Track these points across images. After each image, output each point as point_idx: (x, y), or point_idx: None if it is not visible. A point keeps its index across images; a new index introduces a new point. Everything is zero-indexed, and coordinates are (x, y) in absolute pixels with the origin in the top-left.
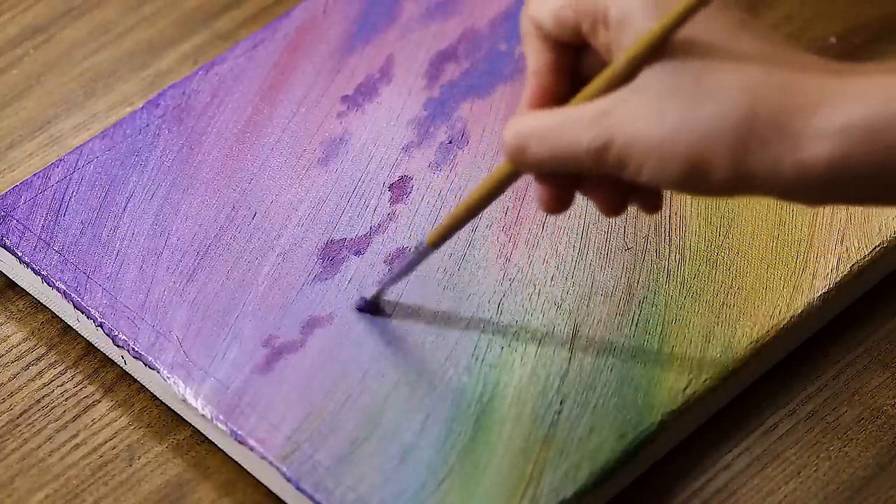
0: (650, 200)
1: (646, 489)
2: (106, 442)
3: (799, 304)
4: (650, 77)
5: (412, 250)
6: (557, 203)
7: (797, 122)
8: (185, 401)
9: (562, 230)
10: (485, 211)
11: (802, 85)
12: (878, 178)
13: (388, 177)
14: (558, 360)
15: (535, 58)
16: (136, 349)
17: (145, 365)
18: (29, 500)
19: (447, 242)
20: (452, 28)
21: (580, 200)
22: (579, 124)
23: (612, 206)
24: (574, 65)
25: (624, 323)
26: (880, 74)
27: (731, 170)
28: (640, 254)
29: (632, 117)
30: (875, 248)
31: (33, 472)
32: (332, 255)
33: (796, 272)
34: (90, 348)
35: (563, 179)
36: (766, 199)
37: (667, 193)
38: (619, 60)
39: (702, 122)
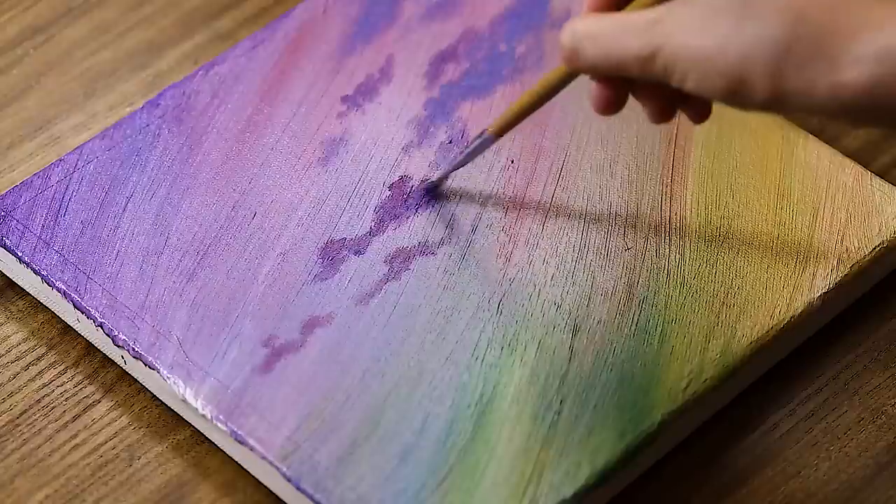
0: (698, 110)
1: (646, 489)
2: (106, 442)
3: (799, 304)
4: None
5: (477, 138)
6: (610, 104)
7: (836, 45)
8: (185, 401)
9: (562, 230)
10: (485, 210)
11: (846, 8)
12: None
13: (388, 177)
14: (558, 360)
15: None
16: (136, 349)
17: (145, 365)
18: (29, 500)
19: (448, 238)
20: (452, 28)
21: (580, 201)
22: (631, 31)
23: (661, 113)
24: None
25: (624, 323)
26: None
27: (768, 88)
28: (640, 254)
29: (680, 29)
30: (875, 248)
31: (33, 472)
32: (332, 255)
33: (796, 272)
34: (90, 348)
35: (617, 82)
36: (766, 200)
37: (664, 194)
38: None
39: (745, 41)
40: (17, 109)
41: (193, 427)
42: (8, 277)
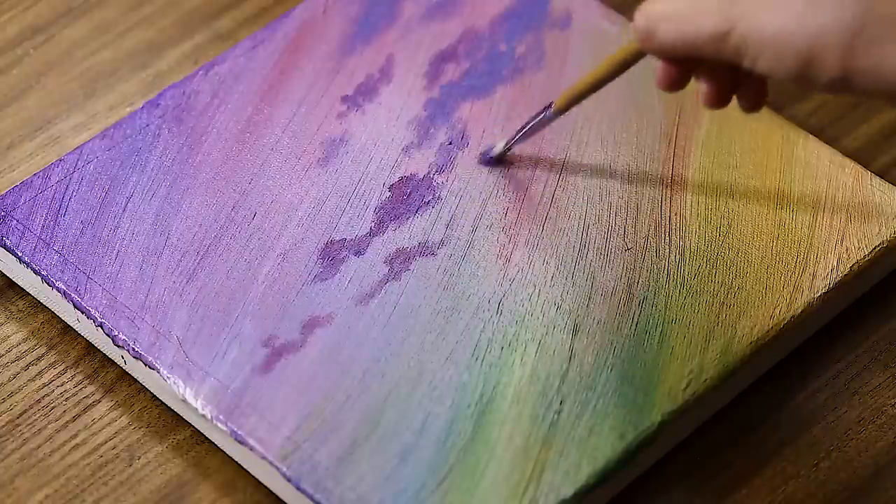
0: (753, 98)
1: (646, 489)
2: (106, 442)
3: (799, 304)
4: None
5: (542, 112)
6: (674, 83)
7: None
8: (185, 401)
9: (562, 230)
10: (485, 210)
11: None
12: None
13: (388, 177)
14: (558, 360)
15: None
16: (136, 349)
17: (145, 365)
18: (29, 500)
19: (448, 238)
20: (452, 28)
21: (580, 201)
22: (705, 11)
23: (718, 95)
24: None
25: (624, 323)
26: None
27: (838, 67)
28: (640, 254)
29: (754, 8)
30: (875, 248)
31: (33, 472)
32: (332, 255)
33: (796, 272)
34: (90, 348)
35: (683, 63)
36: (766, 200)
37: (664, 194)
38: None
39: (818, 20)
40: (17, 109)
41: (193, 427)
42: (8, 277)
